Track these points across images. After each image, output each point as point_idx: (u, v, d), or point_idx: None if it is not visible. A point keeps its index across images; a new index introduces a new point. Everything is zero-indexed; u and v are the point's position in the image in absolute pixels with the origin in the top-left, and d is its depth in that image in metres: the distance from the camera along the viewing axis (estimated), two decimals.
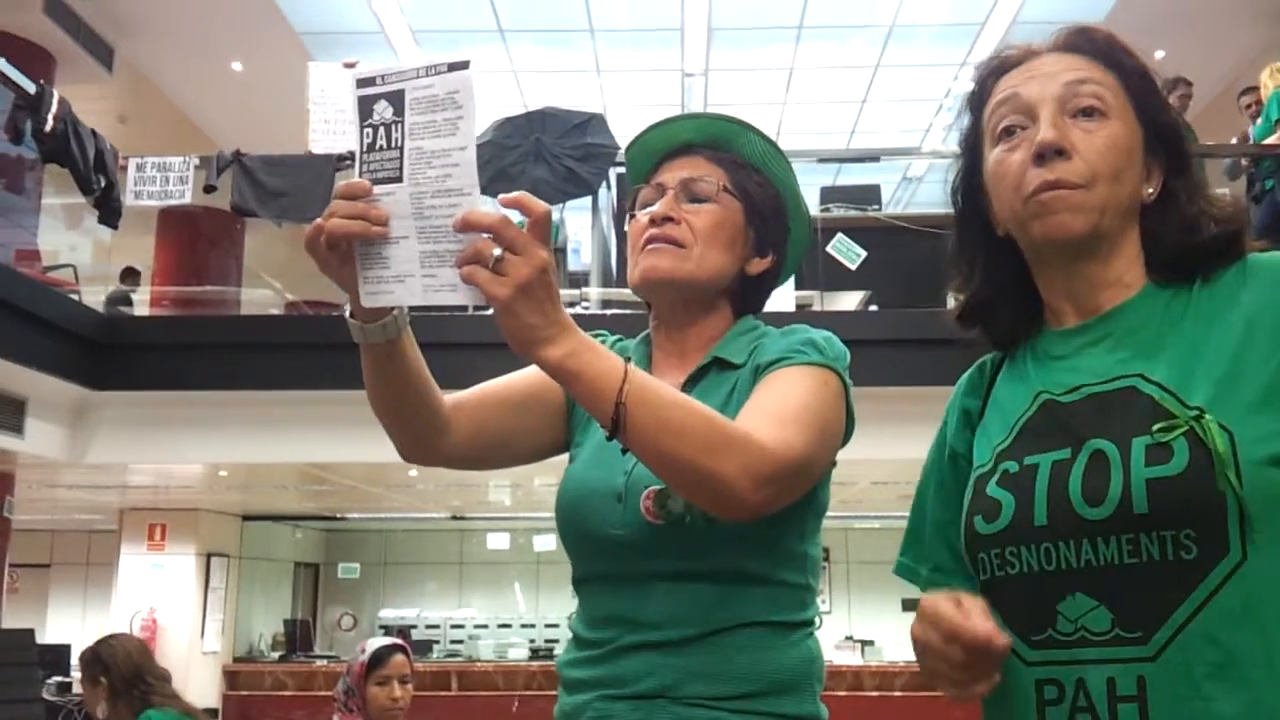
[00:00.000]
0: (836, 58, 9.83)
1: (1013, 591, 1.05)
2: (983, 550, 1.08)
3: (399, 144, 1.09)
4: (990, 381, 1.20)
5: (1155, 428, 0.98)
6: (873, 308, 6.99)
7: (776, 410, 1.22)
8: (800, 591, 1.32)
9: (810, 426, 1.21)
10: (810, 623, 1.34)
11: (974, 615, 0.95)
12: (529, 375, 1.42)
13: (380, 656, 3.05)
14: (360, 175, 1.11)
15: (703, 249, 1.36)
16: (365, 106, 1.11)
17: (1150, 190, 1.12)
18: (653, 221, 1.37)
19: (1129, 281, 1.11)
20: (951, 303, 1.24)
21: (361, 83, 1.11)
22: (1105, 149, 1.08)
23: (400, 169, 1.09)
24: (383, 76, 1.10)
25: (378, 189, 1.10)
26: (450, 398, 1.34)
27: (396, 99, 1.09)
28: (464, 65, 1.06)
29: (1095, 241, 1.09)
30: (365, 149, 1.11)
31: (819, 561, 1.38)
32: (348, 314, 1.20)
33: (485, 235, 1.05)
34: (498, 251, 1.05)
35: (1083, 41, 1.14)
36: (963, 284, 1.20)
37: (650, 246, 1.36)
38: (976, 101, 1.18)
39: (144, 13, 8.74)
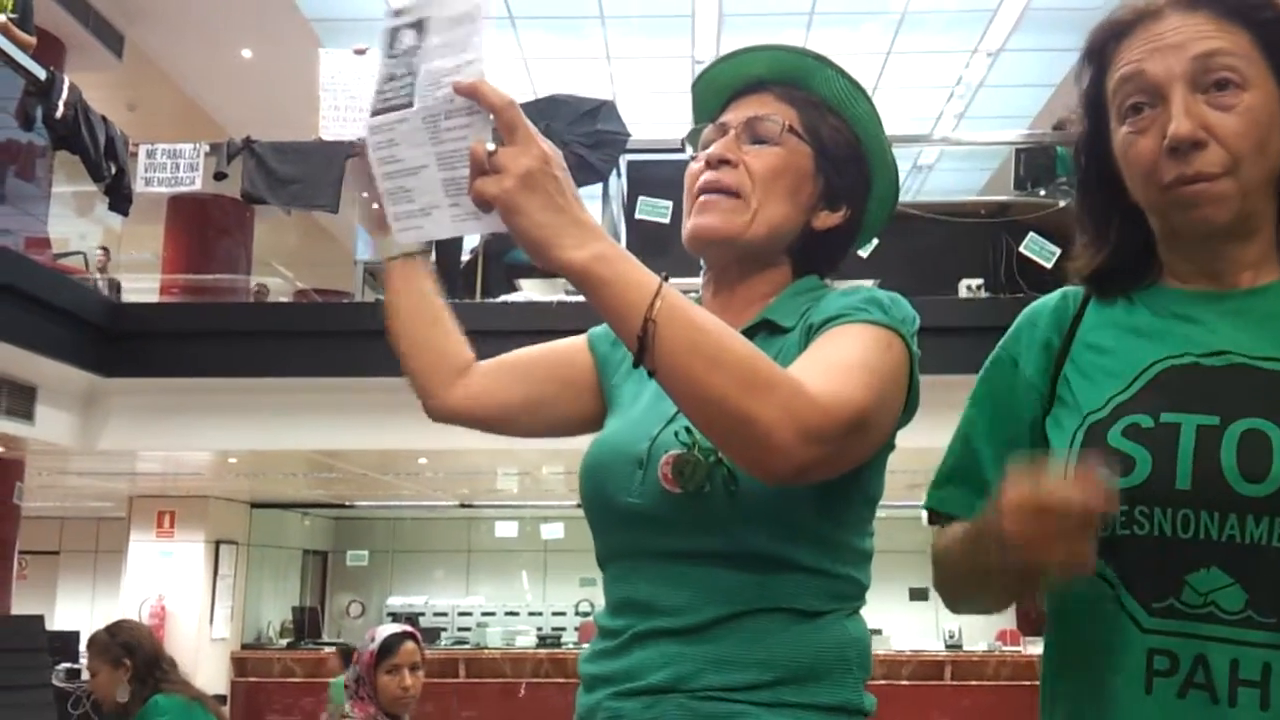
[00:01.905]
0: (848, 44, 9.77)
1: (1137, 552, 1.00)
2: None
3: (414, 69, 1.04)
4: (1077, 316, 1.13)
5: None
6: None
7: (828, 362, 1.06)
8: (838, 582, 1.18)
9: (868, 385, 1.04)
10: (849, 603, 1.21)
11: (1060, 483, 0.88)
12: (562, 343, 1.36)
13: (390, 645, 3.04)
14: (374, 108, 1.07)
15: (761, 197, 1.21)
16: (393, 39, 1.07)
17: None
18: (709, 164, 1.23)
19: (1271, 262, 1.06)
20: (964, 290, 1.22)
21: (393, 14, 1.07)
22: (1245, 128, 1.01)
23: (412, 94, 1.04)
24: (410, 8, 1.06)
25: (390, 117, 1.05)
26: (479, 363, 1.32)
27: (421, 25, 1.05)
28: None
29: (1240, 222, 1.04)
30: (383, 79, 1.06)
31: (868, 555, 1.22)
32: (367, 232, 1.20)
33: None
34: (490, 146, 0.97)
35: None
36: (1091, 249, 1.14)
37: (702, 198, 1.22)
38: (1096, 63, 1.10)
39: (154, 0, 8.73)
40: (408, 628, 3.17)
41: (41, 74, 6.47)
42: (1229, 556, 0.96)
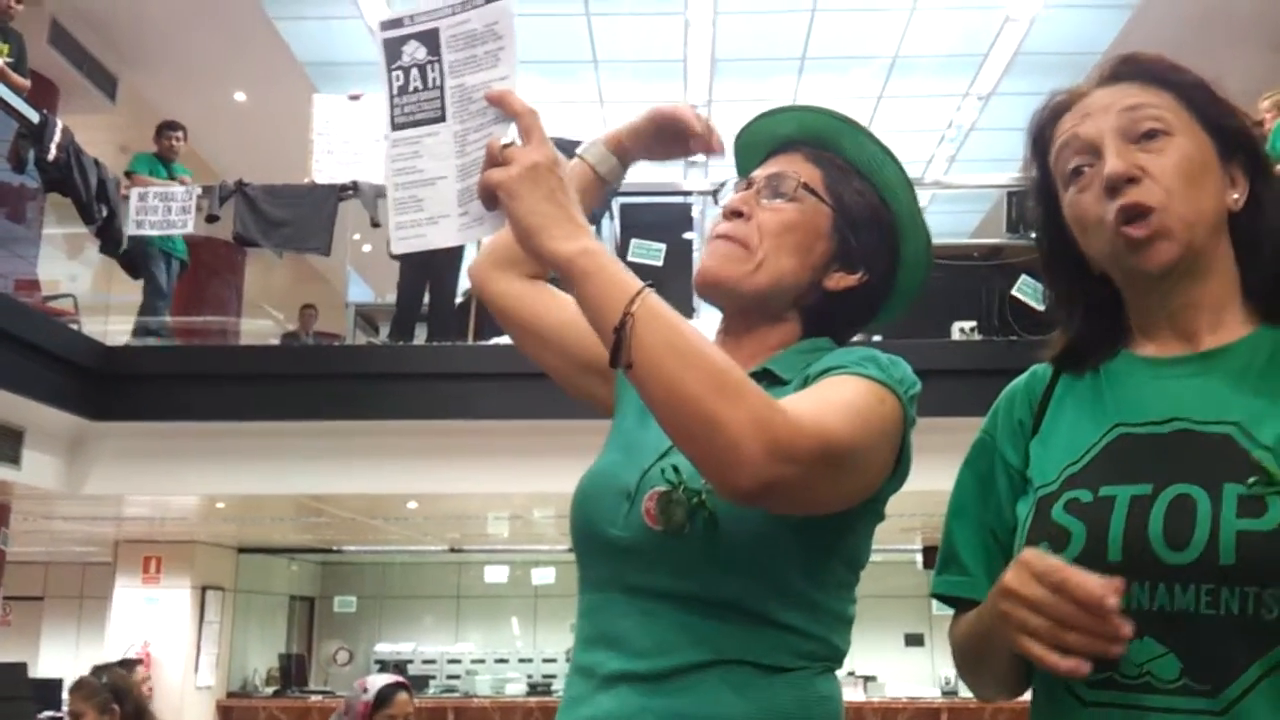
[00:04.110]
0: (839, 89, 9.85)
1: None
2: None
3: (437, 83, 1.08)
4: (1046, 393, 1.16)
5: (1251, 480, 0.95)
6: (876, 338, 6.95)
7: (814, 397, 1.07)
8: (811, 642, 1.16)
9: (849, 421, 1.04)
10: (820, 663, 1.18)
11: (1086, 573, 0.89)
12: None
13: (385, 695, 3.05)
14: (393, 119, 1.10)
15: (768, 250, 1.24)
16: (393, 49, 1.10)
17: (1236, 196, 1.09)
18: (725, 216, 1.28)
19: (1229, 306, 1.09)
20: (957, 332, 1.22)
21: (387, 25, 1.11)
22: (1175, 165, 1.06)
23: (442, 108, 1.09)
24: (411, 17, 1.10)
25: (419, 131, 1.09)
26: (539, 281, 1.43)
27: (429, 39, 1.08)
28: None
29: (1190, 260, 1.06)
30: (397, 92, 1.10)
31: (848, 620, 1.21)
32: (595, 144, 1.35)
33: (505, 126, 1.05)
34: (505, 140, 1.03)
35: (1130, 69, 1.13)
36: (1064, 327, 1.18)
37: (711, 244, 1.28)
38: (1039, 150, 1.16)
39: (147, 43, 8.78)
40: (399, 678, 3.19)
41: (34, 117, 6.49)
42: (1160, 626, 0.97)
